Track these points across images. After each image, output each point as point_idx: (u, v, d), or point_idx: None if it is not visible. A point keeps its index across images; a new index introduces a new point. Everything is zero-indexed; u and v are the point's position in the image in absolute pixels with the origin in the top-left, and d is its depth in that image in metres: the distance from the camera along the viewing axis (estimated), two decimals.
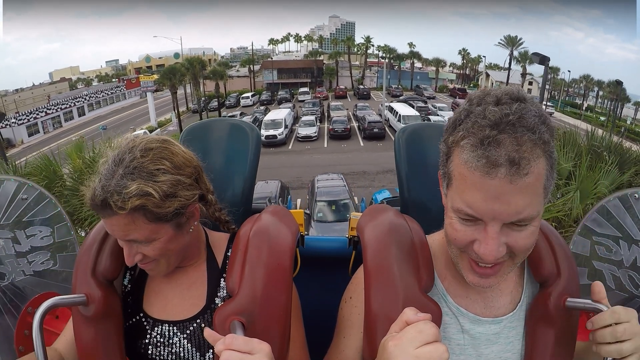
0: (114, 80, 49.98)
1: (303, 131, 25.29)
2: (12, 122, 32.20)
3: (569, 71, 45.11)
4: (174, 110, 32.82)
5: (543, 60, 12.45)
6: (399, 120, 24.87)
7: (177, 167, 0.88)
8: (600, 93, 41.67)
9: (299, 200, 13.90)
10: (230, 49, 54.19)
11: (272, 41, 51.72)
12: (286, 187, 12.48)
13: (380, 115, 28.13)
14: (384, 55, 48.12)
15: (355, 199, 11.50)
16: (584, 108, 41.88)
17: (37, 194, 1.44)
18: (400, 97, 37.98)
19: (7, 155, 10.31)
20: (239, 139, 1.27)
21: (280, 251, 0.93)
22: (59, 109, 37.53)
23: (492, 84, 45.73)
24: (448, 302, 0.85)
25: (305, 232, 1.46)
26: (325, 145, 24.04)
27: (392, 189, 12.06)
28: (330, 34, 53.23)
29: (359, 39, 50.25)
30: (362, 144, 23.83)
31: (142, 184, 0.81)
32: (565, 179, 5.60)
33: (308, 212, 11.10)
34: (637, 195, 1.31)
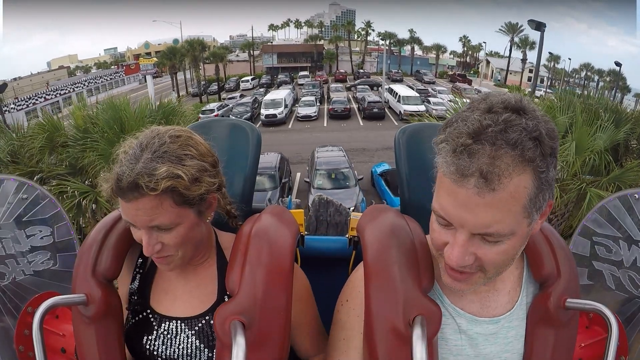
0: (112, 67, 49.71)
1: (303, 111, 25.22)
2: (11, 108, 32.07)
3: (569, 59, 44.85)
4: (174, 90, 32.63)
5: (539, 26, 12.28)
6: (398, 101, 24.85)
7: (202, 155, 0.91)
8: (601, 84, 41.47)
9: (298, 174, 13.90)
10: (230, 36, 53.73)
11: (272, 27, 51.48)
12: (286, 159, 12.49)
13: (380, 96, 28.07)
14: (383, 38, 48.03)
15: (356, 172, 11.52)
16: None
17: (37, 193, 1.46)
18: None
19: None
20: (239, 139, 1.28)
21: (280, 251, 0.94)
22: (58, 95, 37.30)
23: (493, 70, 45.57)
24: (445, 303, 0.85)
25: (306, 232, 1.51)
26: (325, 125, 24.02)
27: (391, 162, 12.04)
28: (331, 21, 53.00)
29: (359, 25, 50.22)
30: (361, 124, 23.82)
31: (171, 167, 0.83)
32: (563, 134, 5.64)
33: (308, 180, 11.21)
34: (637, 196, 1.33)
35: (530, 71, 42.79)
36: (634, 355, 1.28)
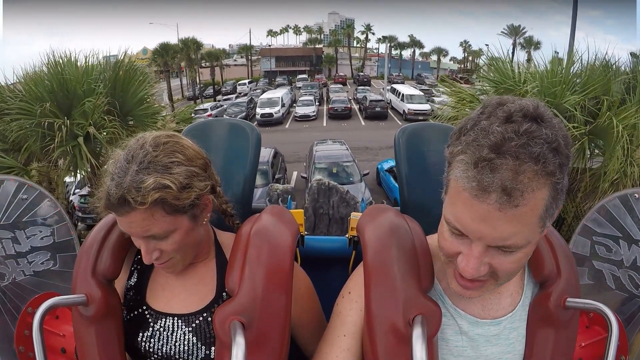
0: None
1: (301, 110, 24.37)
2: None
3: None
4: (167, 84, 31.77)
5: None
6: (402, 100, 24.17)
7: (190, 159, 0.89)
8: None
9: (295, 172, 13.42)
10: (229, 45, 53.58)
11: (271, 32, 51.38)
12: (281, 155, 12.07)
13: (382, 95, 27.45)
14: (384, 41, 47.98)
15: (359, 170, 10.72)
16: None
17: (37, 194, 1.46)
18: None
19: None
20: (239, 139, 1.29)
21: (280, 251, 0.94)
22: None
23: None
24: (446, 303, 0.85)
25: (306, 232, 1.51)
26: (325, 125, 23.34)
27: None
28: (330, 29, 52.96)
29: (359, 29, 50.23)
30: (363, 124, 23.19)
31: (159, 177, 0.82)
32: (621, 98, 5.19)
33: (305, 175, 10.42)
34: (637, 195, 1.34)
35: None
36: (634, 354, 1.28)
